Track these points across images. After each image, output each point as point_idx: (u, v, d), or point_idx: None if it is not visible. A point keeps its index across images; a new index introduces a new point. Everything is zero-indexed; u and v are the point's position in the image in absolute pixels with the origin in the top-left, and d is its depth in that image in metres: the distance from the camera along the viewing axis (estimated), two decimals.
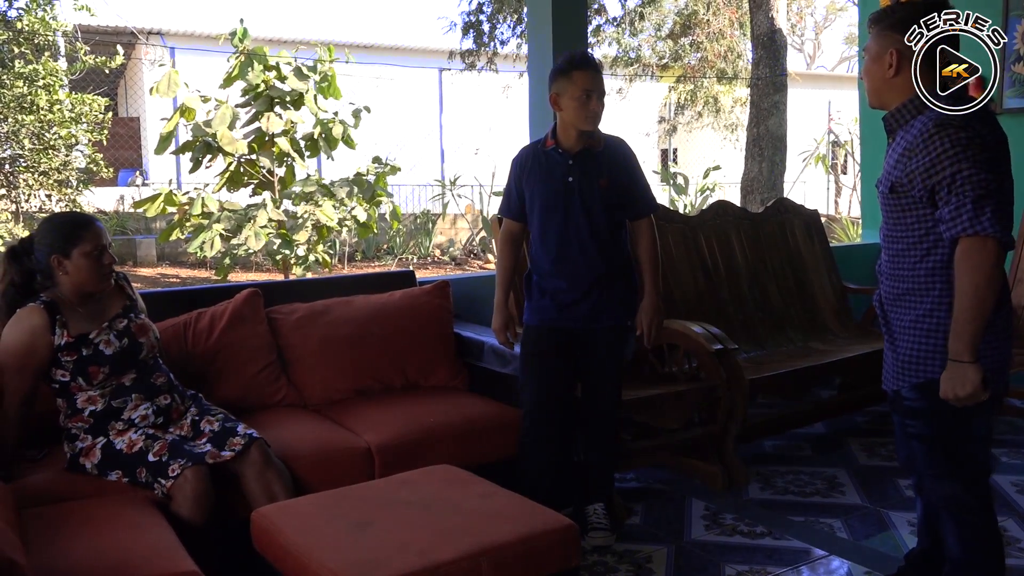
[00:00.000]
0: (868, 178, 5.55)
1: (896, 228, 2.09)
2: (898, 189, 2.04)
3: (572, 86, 2.73)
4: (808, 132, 14.62)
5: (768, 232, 4.48)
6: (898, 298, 2.12)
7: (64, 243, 2.47)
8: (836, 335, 4.38)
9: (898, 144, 2.07)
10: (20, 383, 2.44)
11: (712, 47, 13.62)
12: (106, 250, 2.52)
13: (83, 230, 2.48)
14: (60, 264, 2.47)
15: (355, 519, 2.16)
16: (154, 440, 2.46)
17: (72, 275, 2.48)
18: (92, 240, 2.48)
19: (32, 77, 7.79)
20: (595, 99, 2.74)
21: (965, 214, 1.90)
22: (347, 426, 2.94)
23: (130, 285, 2.72)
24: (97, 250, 2.49)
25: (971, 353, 1.93)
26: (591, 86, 2.73)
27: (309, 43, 8.10)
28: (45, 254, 2.48)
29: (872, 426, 4.18)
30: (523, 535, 2.08)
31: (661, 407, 3.29)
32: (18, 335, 2.43)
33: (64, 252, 2.47)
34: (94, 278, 2.50)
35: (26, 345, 2.43)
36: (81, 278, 2.49)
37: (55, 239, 2.48)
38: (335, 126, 7.26)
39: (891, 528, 3.03)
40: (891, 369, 2.17)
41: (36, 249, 2.51)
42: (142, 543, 2.07)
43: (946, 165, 1.92)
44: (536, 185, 2.85)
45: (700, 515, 3.15)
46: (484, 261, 11.53)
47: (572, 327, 2.86)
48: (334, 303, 3.33)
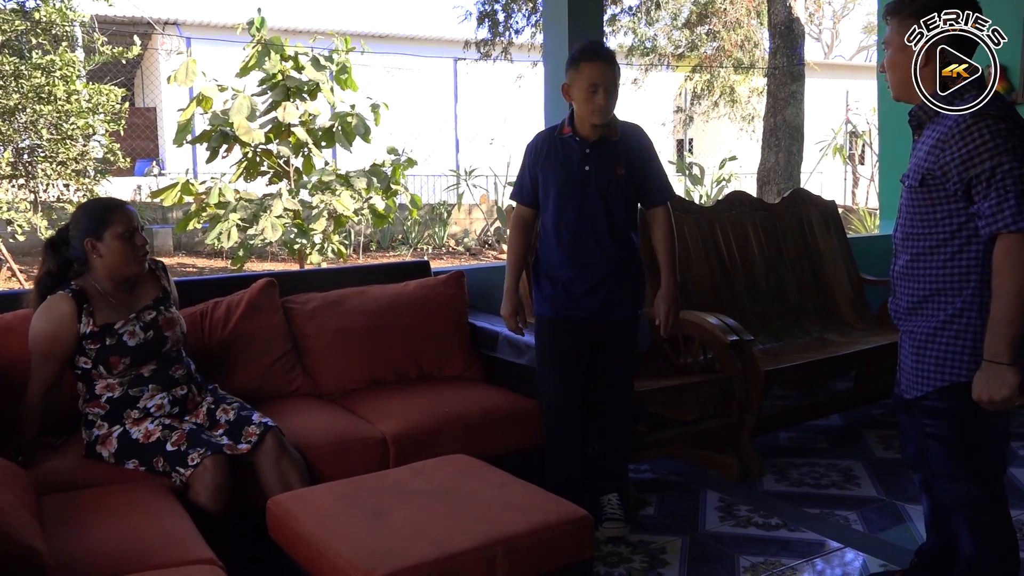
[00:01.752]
0: (886, 168, 5.50)
1: (922, 225, 2.00)
2: (929, 182, 1.95)
3: (580, 78, 2.68)
4: (825, 122, 14.51)
5: (785, 223, 4.45)
6: (923, 301, 2.03)
7: (96, 226, 2.49)
8: (853, 327, 4.35)
9: (929, 135, 1.98)
10: (46, 370, 2.46)
11: (729, 36, 13.52)
12: (138, 231, 2.53)
13: (114, 212, 2.50)
14: (94, 247, 2.49)
15: (370, 508, 2.16)
16: (171, 430, 2.47)
17: (106, 258, 2.49)
18: (123, 222, 2.50)
19: (49, 68, 7.83)
20: (602, 93, 2.67)
21: (1008, 209, 1.82)
22: (362, 415, 2.95)
23: (167, 275, 2.73)
24: (129, 231, 2.50)
25: (1011, 355, 1.85)
26: (598, 79, 2.67)
27: (325, 33, 8.09)
28: (80, 240, 2.50)
29: (888, 418, 4.15)
30: (538, 525, 2.08)
31: (676, 398, 3.28)
32: (46, 323, 2.45)
33: (97, 235, 2.48)
34: (128, 259, 2.51)
35: (53, 333, 2.45)
36: (115, 260, 2.50)
37: (88, 223, 2.50)
38: (353, 119, 7.25)
39: (907, 521, 3.01)
40: (911, 375, 2.08)
41: (72, 237, 2.52)
42: (159, 530, 2.09)
43: (985, 158, 1.84)
44: (551, 172, 2.80)
45: (715, 506, 3.15)
46: (499, 251, 11.52)
47: (586, 318, 2.85)
48: (349, 293, 3.34)
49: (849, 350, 3.89)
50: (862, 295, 4.55)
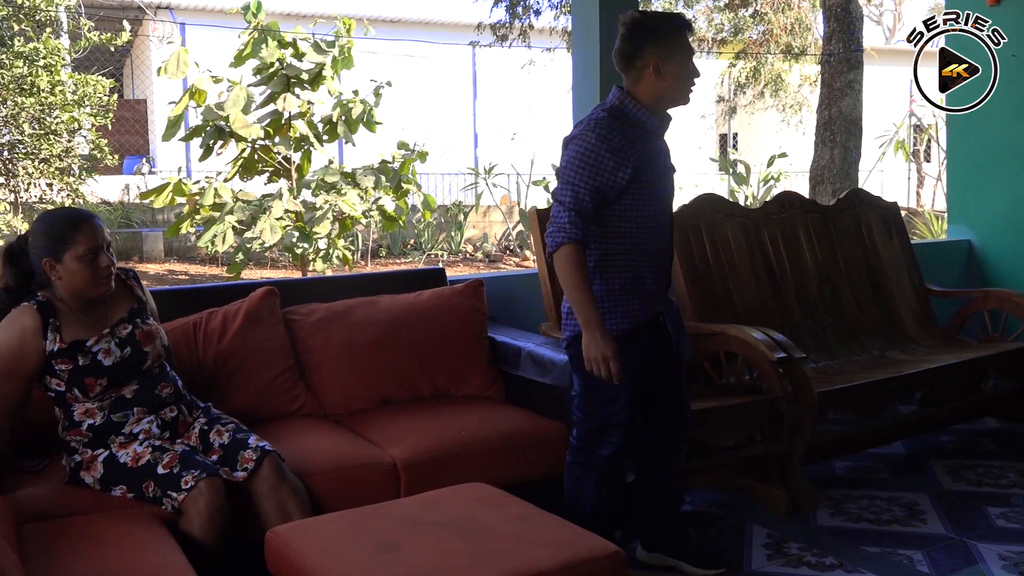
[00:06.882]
0: (955, 166, 5.46)
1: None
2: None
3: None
4: (886, 115, 14.42)
5: (840, 227, 4.42)
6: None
7: (55, 245, 2.45)
8: (917, 343, 4.31)
9: None
10: (7, 390, 2.44)
11: (777, 19, 13.48)
12: (102, 251, 2.49)
13: (76, 231, 2.46)
14: (52, 268, 2.47)
15: (379, 541, 2.17)
16: (163, 452, 2.49)
17: (66, 280, 2.47)
18: (85, 242, 2.45)
19: (32, 56, 7.96)
20: None
21: None
22: (370, 439, 2.96)
23: (140, 285, 2.72)
24: (91, 253, 2.46)
25: None
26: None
27: (329, 17, 8.17)
28: (37, 257, 2.48)
29: (958, 446, 4.11)
30: (564, 562, 2.07)
31: (717, 422, 3.26)
32: (6, 338, 2.44)
33: (55, 256, 2.46)
34: (89, 283, 2.48)
35: (14, 350, 2.43)
36: (75, 283, 2.47)
37: (46, 242, 2.47)
38: (356, 106, 7.30)
39: (979, 562, 2.97)
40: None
41: (30, 251, 2.51)
42: (148, 563, 2.11)
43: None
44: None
45: (762, 543, 3.12)
46: (521, 258, 11.55)
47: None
48: (357, 303, 3.35)
49: (913, 369, 3.85)
50: (928, 308, 4.51)
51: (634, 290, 2.65)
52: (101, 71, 10.08)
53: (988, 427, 4.35)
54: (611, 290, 2.63)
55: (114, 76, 10.94)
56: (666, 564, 2.91)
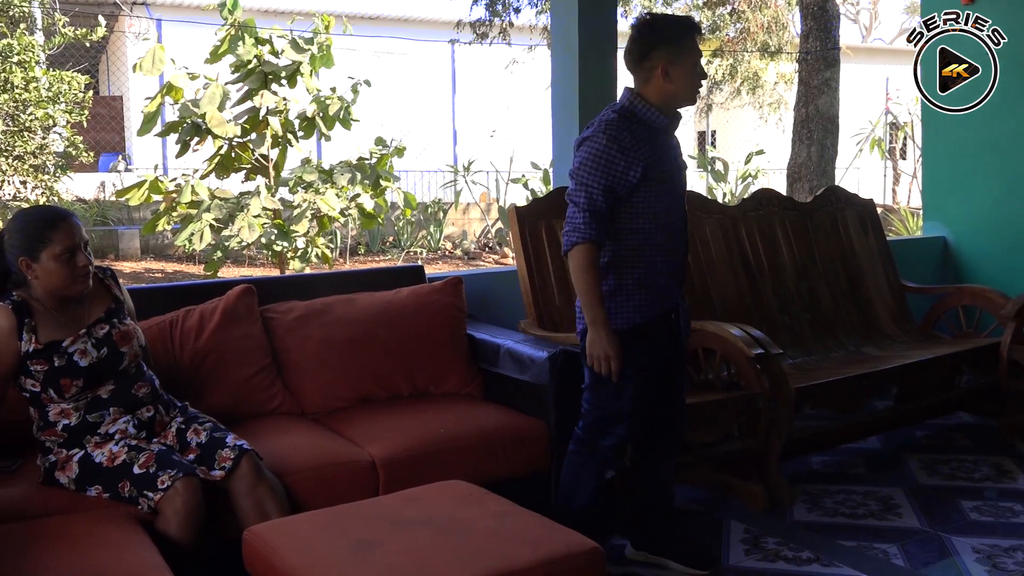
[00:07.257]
0: (930, 164, 5.51)
1: None
2: None
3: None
4: (863, 113, 14.53)
5: (817, 224, 4.46)
6: None
7: (31, 244, 2.44)
8: (893, 339, 4.35)
9: None
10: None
11: (754, 17, 13.54)
12: (79, 250, 2.48)
13: (52, 230, 2.44)
14: (28, 267, 2.45)
15: (357, 539, 2.16)
16: (139, 451, 2.47)
17: (42, 279, 2.46)
18: (62, 241, 2.44)
19: (6, 52, 7.88)
20: None
21: None
22: (348, 437, 2.95)
23: (118, 284, 2.71)
24: (68, 252, 2.45)
25: None
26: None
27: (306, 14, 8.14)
28: (13, 256, 2.47)
29: (933, 441, 4.15)
30: (543, 558, 2.08)
31: (695, 419, 3.28)
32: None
33: (31, 255, 2.44)
34: (66, 282, 2.47)
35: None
36: (52, 283, 2.46)
37: (22, 240, 2.45)
38: (333, 103, 7.27)
39: (953, 555, 3.00)
40: None
41: (6, 249, 2.49)
42: (124, 563, 2.09)
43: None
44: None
45: (739, 539, 3.14)
46: (500, 255, 11.54)
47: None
48: (335, 301, 3.34)
49: (889, 365, 3.89)
50: (904, 304, 4.55)
51: (646, 285, 2.69)
52: (76, 67, 9.97)
53: (962, 422, 4.40)
54: (623, 285, 2.68)
55: (89, 72, 10.84)
56: (652, 562, 2.93)
